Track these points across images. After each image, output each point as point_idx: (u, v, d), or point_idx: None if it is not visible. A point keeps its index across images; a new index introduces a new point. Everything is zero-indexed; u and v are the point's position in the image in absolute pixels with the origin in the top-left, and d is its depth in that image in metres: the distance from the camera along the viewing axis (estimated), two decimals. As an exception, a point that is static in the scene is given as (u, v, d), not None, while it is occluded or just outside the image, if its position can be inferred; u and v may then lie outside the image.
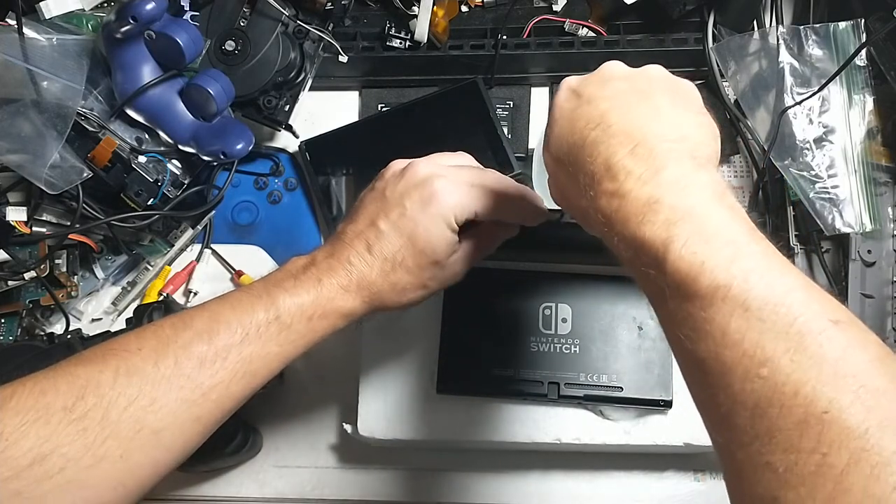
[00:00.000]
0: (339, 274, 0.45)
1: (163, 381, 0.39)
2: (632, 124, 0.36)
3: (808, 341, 0.28)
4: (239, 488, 0.62)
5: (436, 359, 0.55)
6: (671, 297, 0.32)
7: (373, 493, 0.61)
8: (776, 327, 0.28)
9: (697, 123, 0.38)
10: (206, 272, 0.69)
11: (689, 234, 0.31)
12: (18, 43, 0.56)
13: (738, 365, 0.29)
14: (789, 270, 0.31)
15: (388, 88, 0.72)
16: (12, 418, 0.36)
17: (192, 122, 0.61)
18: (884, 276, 0.60)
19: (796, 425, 0.27)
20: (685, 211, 0.32)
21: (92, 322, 0.68)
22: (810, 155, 0.62)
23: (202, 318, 0.42)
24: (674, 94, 0.38)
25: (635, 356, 0.54)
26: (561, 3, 0.70)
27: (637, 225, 0.33)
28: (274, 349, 0.42)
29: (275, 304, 0.43)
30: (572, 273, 0.56)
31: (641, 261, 0.33)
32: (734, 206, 0.34)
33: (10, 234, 0.61)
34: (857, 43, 0.62)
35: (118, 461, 0.37)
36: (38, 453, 0.35)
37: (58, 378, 0.39)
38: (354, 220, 0.48)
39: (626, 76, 0.39)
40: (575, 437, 0.54)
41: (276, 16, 0.64)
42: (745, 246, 0.31)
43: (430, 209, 0.45)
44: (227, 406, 0.42)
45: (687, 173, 0.34)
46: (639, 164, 0.34)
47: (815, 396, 0.27)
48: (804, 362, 0.28)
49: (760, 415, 0.28)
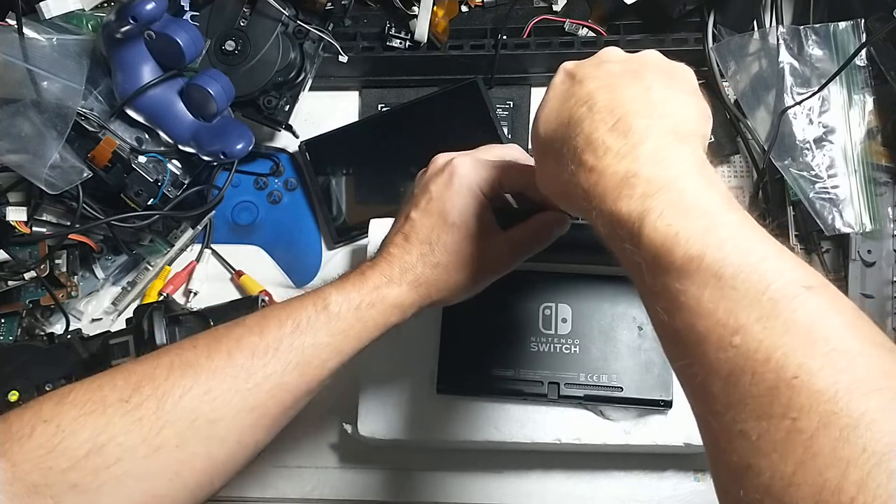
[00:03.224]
0: (381, 266, 0.45)
1: (216, 371, 0.40)
2: (616, 102, 0.36)
3: (780, 307, 0.28)
4: (239, 488, 0.62)
5: (436, 359, 0.55)
6: (647, 270, 0.31)
7: (373, 493, 0.61)
8: (749, 295, 0.28)
9: (684, 102, 0.38)
10: (206, 272, 0.69)
11: (664, 206, 0.31)
12: (18, 43, 0.56)
13: (711, 334, 0.29)
14: (763, 238, 0.31)
15: (388, 88, 0.72)
16: (69, 411, 0.37)
17: (192, 122, 0.61)
18: (884, 276, 0.60)
19: (767, 391, 0.27)
20: (662, 184, 0.32)
21: (92, 322, 0.68)
22: (810, 155, 0.62)
23: (254, 316, 0.44)
24: (667, 75, 0.38)
25: (635, 356, 0.54)
26: (561, 3, 0.70)
27: (614, 200, 0.33)
28: (324, 339, 0.43)
29: (323, 297, 0.44)
30: (572, 273, 0.56)
31: (618, 235, 0.33)
32: (711, 177, 0.33)
33: (10, 234, 0.61)
34: (857, 43, 0.62)
35: (174, 450, 0.38)
36: (95, 444, 0.36)
37: (115, 374, 0.40)
38: (395, 222, 0.49)
39: (621, 59, 0.40)
40: (575, 437, 0.54)
41: (276, 16, 0.64)
42: (720, 216, 0.31)
43: (453, 185, 0.46)
44: (283, 399, 0.42)
45: (666, 146, 0.34)
46: (618, 140, 0.34)
47: (786, 362, 0.27)
48: (776, 328, 0.27)
49: (734, 383, 0.28)
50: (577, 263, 0.57)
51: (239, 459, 0.41)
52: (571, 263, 0.57)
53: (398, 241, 0.46)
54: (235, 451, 0.41)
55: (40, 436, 0.36)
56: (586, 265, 0.56)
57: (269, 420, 0.42)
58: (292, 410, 0.43)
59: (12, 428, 0.36)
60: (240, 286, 0.68)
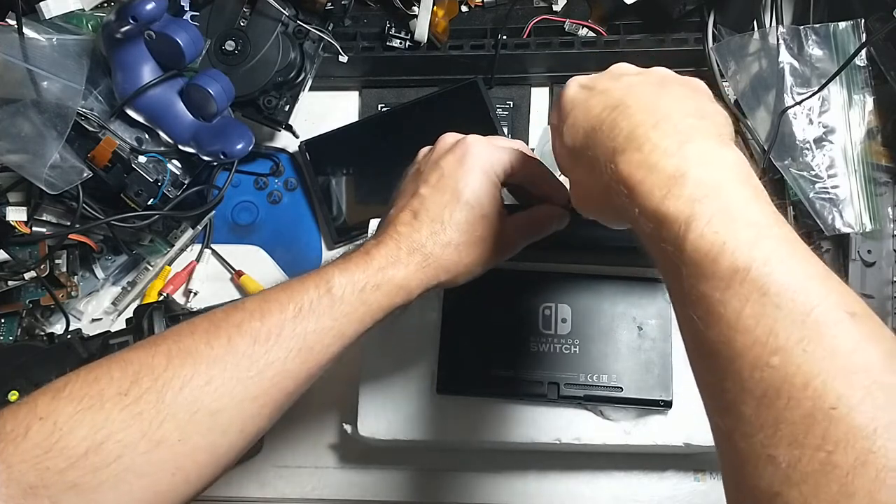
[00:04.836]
0: (387, 245, 0.43)
1: (217, 360, 0.38)
2: (651, 105, 0.36)
3: (823, 332, 0.27)
4: (239, 488, 0.62)
5: (436, 359, 0.55)
6: (687, 276, 0.31)
7: (373, 493, 0.61)
8: (792, 315, 0.28)
9: (716, 109, 0.37)
10: (206, 272, 0.69)
11: (712, 213, 0.31)
12: (18, 43, 0.56)
13: (749, 351, 0.28)
14: (809, 258, 0.30)
15: (388, 88, 0.72)
16: (66, 407, 0.35)
17: (192, 122, 0.61)
18: (884, 276, 0.60)
19: (803, 419, 0.26)
20: (710, 187, 0.31)
21: (92, 322, 0.68)
22: (810, 155, 0.62)
23: (254, 300, 0.41)
24: (689, 87, 0.38)
25: (635, 356, 0.54)
26: (561, 3, 0.70)
27: (661, 199, 0.32)
28: (328, 323, 0.41)
29: (325, 279, 0.42)
30: (572, 273, 0.56)
31: (661, 236, 0.32)
32: (758, 188, 0.33)
33: (10, 234, 0.61)
34: (857, 43, 0.62)
35: (176, 444, 0.36)
36: (94, 441, 0.35)
37: (111, 365, 0.38)
38: (396, 201, 0.47)
39: (638, 72, 0.39)
40: (575, 437, 0.54)
41: (276, 16, 0.64)
42: (768, 229, 0.31)
43: (466, 163, 0.45)
44: (286, 386, 0.40)
45: (713, 148, 0.34)
46: (664, 138, 0.34)
47: (825, 390, 0.26)
48: (817, 353, 0.27)
49: (767, 405, 0.27)
50: (577, 263, 0.57)
51: (241, 449, 0.40)
52: (571, 263, 0.57)
53: (405, 218, 0.44)
54: (237, 441, 0.39)
55: (36, 434, 0.34)
56: (586, 265, 0.56)
57: (271, 408, 0.40)
58: (294, 396, 0.42)
59: (7, 427, 0.35)
60: (240, 286, 0.68)
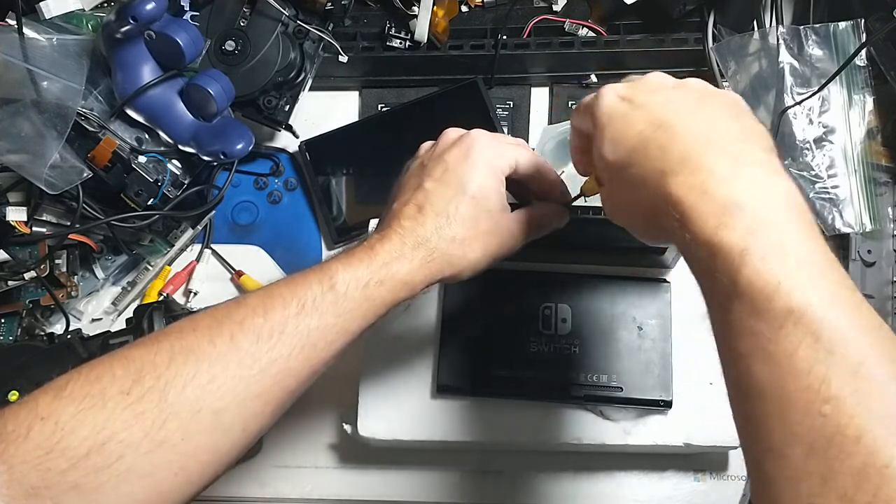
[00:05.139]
0: (391, 239, 0.43)
1: (220, 357, 0.38)
2: (696, 126, 0.35)
3: (875, 385, 0.27)
4: (239, 488, 0.62)
5: (436, 359, 0.55)
6: (738, 309, 0.30)
7: (373, 493, 0.61)
8: (845, 364, 0.27)
9: (762, 131, 0.36)
10: (206, 272, 0.69)
11: (767, 248, 0.30)
12: (18, 43, 0.56)
13: (800, 397, 0.27)
14: (863, 305, 0.30)
15: (388, 88, 0.72)
16: (67, 406, 0.35)
17: (192, 122, 0.61)
18: (884, 276, 0.60)
19: (854, 473, 0.26)
20: (766, 221, 0.31)
21: (92, 322, 0.68)
22: (810, 155, 0.62)
23: (256, 295, 0.41)
24: (728, 103, 0.38)
25: (635, 356, 0.54)
26: (561, 3, 0.70)
27: (715, 228, 0.31)
28: (331, 320, 0.40)
29: (328, 275, 0.41)
30: (572, 273, 0.56)
31: (716, 265, 0.31)
32: (811, 223, 0.32)
33: (10, 234, 0.61)
34: (857, 43, 0.62)
35: (178, 444, 0.36)
36: (96, 441, 0.34)
37: (113, 363, 0.37)
38: (398, 195, 0.46)
39: (677, 85, 0.39)
40: (575, 437, 0.54)
41: (276, 16, 0.64)
42: (823, 271, 0.30)
43: (471, 157, 0.44)
44: (289, 384, 0.40)
45: (765, 175, 0.33)
46: (716, 163, 0.33)
47: (877, 447, 0.26)
48: (870, 407, 0.26)
49: (816, 454, 0.27)
50: (577, 263, 0.57)
51: (243, 447, 0.40)
52: (571, 263, 0.57)
53: (410, 212, 0.44)
54: (240, 440, 0.39)
55: (38, 435, 0.34)
56: (586, 265, 0.56)
57: (273, 406, 0.40)
58: (297, 394, 0.41)
59: (8, 427, 0.34)
60: (240, 286, 0.68)
